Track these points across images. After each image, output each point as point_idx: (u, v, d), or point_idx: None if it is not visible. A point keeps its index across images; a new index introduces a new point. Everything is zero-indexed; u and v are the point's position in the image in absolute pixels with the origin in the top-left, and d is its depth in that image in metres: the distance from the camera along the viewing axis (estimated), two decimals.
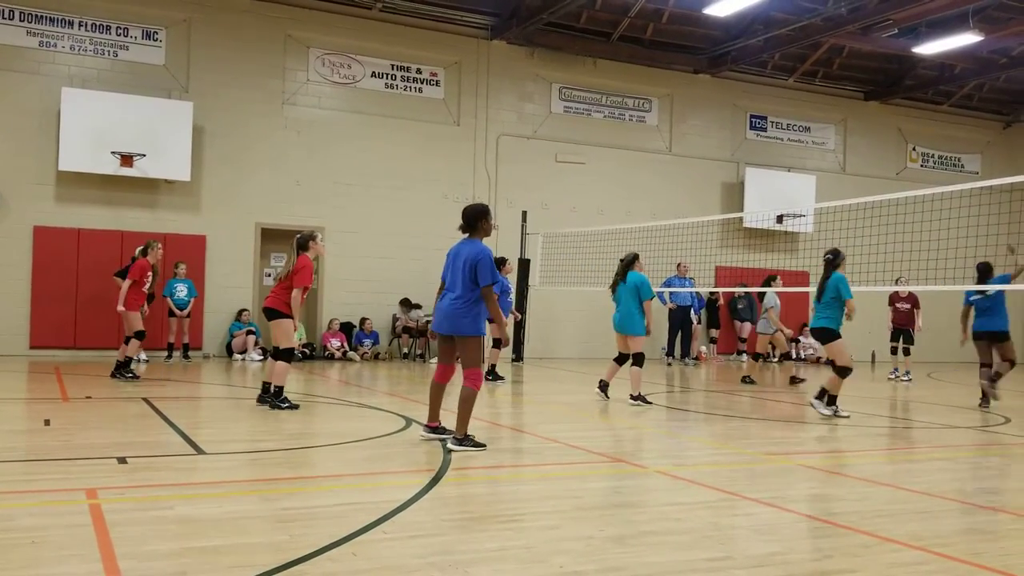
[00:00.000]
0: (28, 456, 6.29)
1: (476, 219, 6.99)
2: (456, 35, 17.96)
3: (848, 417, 9.43)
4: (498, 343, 12.85)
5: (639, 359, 10.37)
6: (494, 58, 18.34)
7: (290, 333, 8.86)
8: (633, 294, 10.37)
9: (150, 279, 11.23)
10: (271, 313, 8.92)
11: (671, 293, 17.29)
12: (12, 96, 14.81)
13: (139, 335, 11.07)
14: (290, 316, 8.84)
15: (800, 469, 6.62)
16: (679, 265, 17.54)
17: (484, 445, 6.82)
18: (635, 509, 5.20)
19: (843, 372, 9.51)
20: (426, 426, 7.13)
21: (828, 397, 9.55)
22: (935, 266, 12.91)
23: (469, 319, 6.82)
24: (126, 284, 11.01)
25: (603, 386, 10.51)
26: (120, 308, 10.97)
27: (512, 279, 17.33)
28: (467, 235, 7.01)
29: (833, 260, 9.70)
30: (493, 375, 12.87)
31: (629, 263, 10.58)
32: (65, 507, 4.70)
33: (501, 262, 12.88)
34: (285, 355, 8.79)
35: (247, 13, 16.32)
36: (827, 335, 9.64)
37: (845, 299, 9.45)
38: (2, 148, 14.72)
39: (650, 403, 10.27)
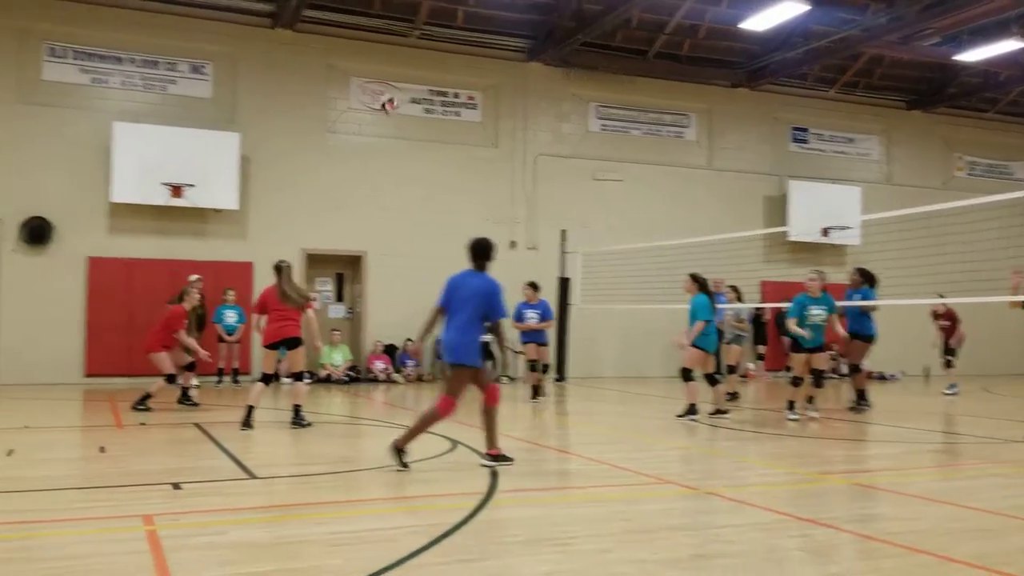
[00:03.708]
0: (85, 483, 6.42)
1: (489, 252, 7.13)
2: (492, 59, 18.11)
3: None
4: (535, 365, 13.06)
5: (682, 373, 10.66)
6: (531, 79, 18.45)
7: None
8: (691, 315, 10.59)
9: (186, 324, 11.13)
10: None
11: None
12: (66, 131, 15.22)
13: (170, 379, 10.87)
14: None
15: (855, 488, 6.51)
16: (714, 281, 17.30)
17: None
18: (687, 532, 5.15)
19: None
20: (487, 454, 7.04)
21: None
22: (985, 276, 12.64)
23: (475, 351, 6.95)
24: (182, 335, 10.86)
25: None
26: (204, 354, 11.27)
27: (551, 298, 17.36)
28: (474, 266, 7.11)
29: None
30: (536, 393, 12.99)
31: (701, 285, 10.73)
32: (123, 534, 4.79)
33: None
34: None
35: (290, 45, 16.63)
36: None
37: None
38: (57, 182, 15.12)
39: (695, 418, 10.39)
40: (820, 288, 10.57)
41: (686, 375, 10.56)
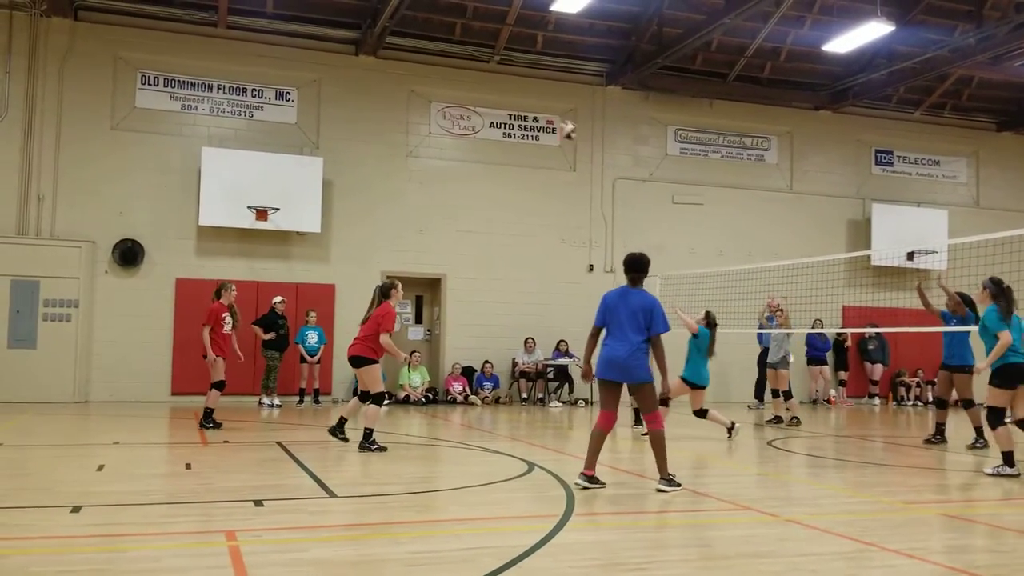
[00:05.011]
0: (171, 499, 6.60)
1: (647, 266, 7.15)
2: (571, 83, 18.23)
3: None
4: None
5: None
6: (609, 103, 18.49)
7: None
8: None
9: (228, 321, 11.12)
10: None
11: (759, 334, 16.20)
12: (157, 156, 15.83)
13: (218, 385, 10.97)
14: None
15: (941, 519, 6.30)
16: (770, 304, 16.85)
17: (680, 484, 6.98)
18: (767, 559, 5.04)
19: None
20: (583, 474, 6.98)
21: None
22: None
23: (645, 366, 6.97)
24: (206, 332, 10.91)
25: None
26: (211, 357, 10.82)
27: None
28: (631, 281, 7.13)
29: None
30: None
31: (708, 322, 11.42)
32: (206, 548, 4.91)
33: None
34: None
35: (372, 71, 17.02)
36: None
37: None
38: (147, 205, 15.73)
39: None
40: (989, 298, 8.71)
41: (700, 414, 11.21)
